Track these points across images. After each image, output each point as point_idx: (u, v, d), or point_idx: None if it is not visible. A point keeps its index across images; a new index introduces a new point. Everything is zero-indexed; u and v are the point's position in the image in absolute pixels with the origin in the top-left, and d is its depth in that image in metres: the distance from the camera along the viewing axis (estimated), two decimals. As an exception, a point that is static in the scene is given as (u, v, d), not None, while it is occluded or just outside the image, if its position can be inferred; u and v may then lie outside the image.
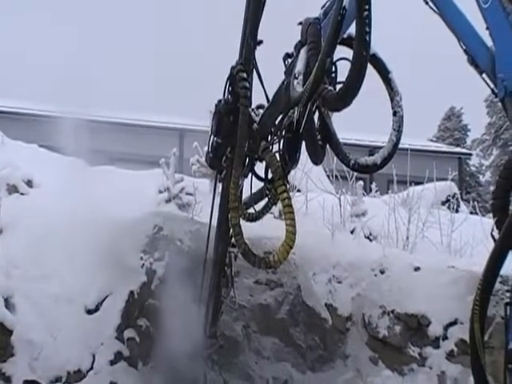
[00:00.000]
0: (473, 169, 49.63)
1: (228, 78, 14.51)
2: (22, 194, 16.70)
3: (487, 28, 10.02)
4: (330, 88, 12.64)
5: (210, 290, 14.98)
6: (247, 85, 14.21)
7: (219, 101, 14.63)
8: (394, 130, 13.84)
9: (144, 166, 20.04)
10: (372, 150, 14.24)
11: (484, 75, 10.10)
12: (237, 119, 14.23)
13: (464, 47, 10.30)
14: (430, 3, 10.95)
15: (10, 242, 8.88)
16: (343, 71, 12.52)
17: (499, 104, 10.18)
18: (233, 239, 14.30)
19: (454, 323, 16.09)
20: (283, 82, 13.82)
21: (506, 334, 9.51)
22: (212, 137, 14.88)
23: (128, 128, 31.38)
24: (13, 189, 16.00)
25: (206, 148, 16.08)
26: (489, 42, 10.05)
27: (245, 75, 14.25)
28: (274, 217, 15.34)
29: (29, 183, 17.29)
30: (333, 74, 12.87)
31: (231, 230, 14.18)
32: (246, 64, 14.52)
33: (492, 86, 9.99)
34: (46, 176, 17.75)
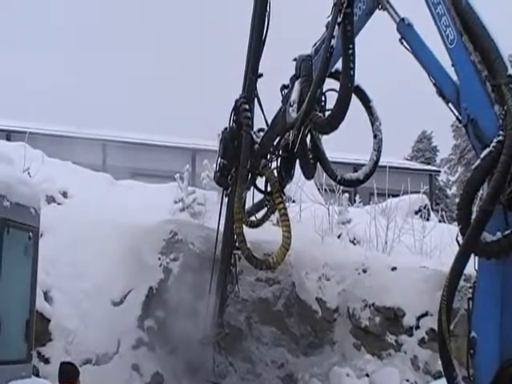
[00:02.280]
0: (441, 183, 49.41)
1: (233, 109, 14.63)
2: (58, 203, 16.76)
3: (453, 65, 10.12)
4: (320, 114, 12.82)
5: (217, 286, 15.09)
6: (249, 115, 14.40)
7: (225, 128, 14.79)
8: (375, 150, 13.99)
9: (161, 180, 20.04)
10: (356, 167, 14.29)
11: (450, 104, 10.19)
12: (240, 144, 14.37)
13: (433, 81, 10.42)
14: (405, 43, 11.06)
15: (48, 244, 8.94)
16: (331, 100, 12.69)
17: (463, 129, 10.28)
18: (237, 244, 14.42)
19: (425, 315, 16.23)
20: (280, 109, 14.00)
21: (468, 324, 9.61)
22: (219, 159, 15.00)
23: (148, 147, 31.32)
24: (51, 199, 16.07)
25: (214, 166, 16.19)
26: (454, 77, 10.16)
27: (247, 106, 14.37)
28: (273, 224, 15.41)
29: (64, 194, 17.35)
30: (322, 103, 13.02)
31: (235, 237, 14.30)
32: (248, 95, 14.62)
33: (457, 113, 10.10)
34: (78, 188, 17.81)
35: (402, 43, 11.19)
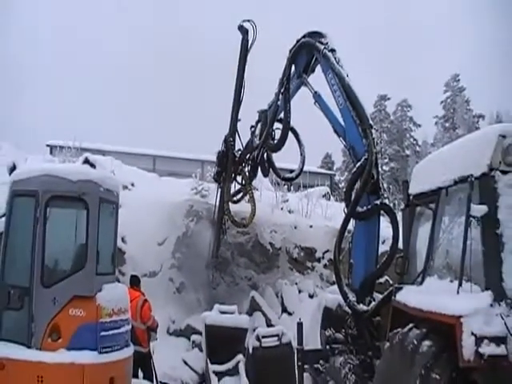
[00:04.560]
0: (336, 181, 49.41)
1: (224, 141, 14.70)
2: (129, 189, 16.79)
3: (342, 117, 10.29)
4: (272, 142, 13.00)
5: (215, 235, 15.26)
6: (232, 145, 14.39)
7: (218, 151, 14.85)
8: (301, 162, 14.27)
9: (184, 177, 20.03)
10: (291, 171, 14.47)
11: (341, 138, 10.35)
12: (228, 159, 14.49)
13: (334, 128, 10.52)
14: (317, 105, 11.21)
15: (123, 212, 9.05)
16: (278, 134, 12.88)
17: (347, 151, 10.43)
18: (226, 212, 14.57)
19: (327, 251, 16.34)
20: (250, 139, 14.15)
21: (349, 255, 9.82)
22: (216, 167, 15.11)
23: (177, 159, 31.36)
24: (125, 187, 15.99)
25: (213, 170, 16.33)
26: (342, 123, 10.32)
27: (231, 139, 14.47)
28: (246, 201, 15.50)
29: (132, 185, 17.33)
30: (273, 135, 13.20)
31: (225, 208, 14.44)
32: (232, 131, 14.79)
33: (344, 143, 10.28)
34: (139, 181, 17.79)
35: (315, 104, 11.35)
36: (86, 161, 7.92)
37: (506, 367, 4.81)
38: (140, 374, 10.13)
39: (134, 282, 10.79)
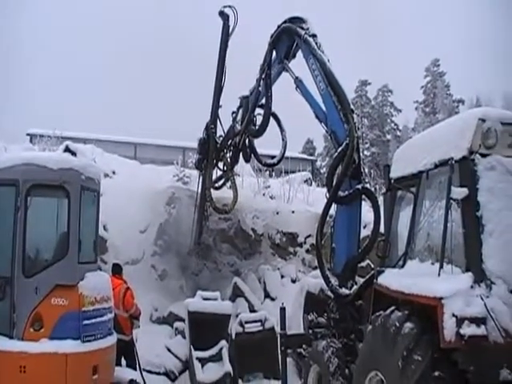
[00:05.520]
0: (317, 166, 49.52)
1: (205, 128, 14.67)
2: (110, 177, 16.67)
3: (323, 102, 10.28)
4: (253, 127, 12.99)
5: (197, 222, 15.24)
6: (214, 132, 14.38)
7: (200, 138, 14.82)
8: (282, 147, 14.27)
9: (166, 164, 19.96)
10: (273, 157, 14.50)
11: (322, 124, 10.32)
12: (209, 146, 14.47)
13: (315, 114, 10.49)
14: (298, 91, 11.19)
15: (104, 200, 9.00)
16: (259, 120, 12.88)
17: (329, 136, 10.41)
18: (208, 199, 14.58)
19: (309, 236, 16.36)
20: (231, 126, 14.12)
21: (331, 240, 9.87)
22: (197, 154, 15.08)
23: (160, 146, 31.18)
24: (106, 175, 15.83)
25: (195, 157, 16.31)
26: (323, 108, 10.29)
27: (212, 126, 14.45)
28: (228, 188, 15.48)
29: (113, 172, 17.23)
30: (254, 121, 13.19)
31: (207, 195, 14.45)
32: (214, 118, 14.75)
33: (325, 128, 10.26)
34: (121, 169, 17.69)
35: (296, 90, 11.33)
36: (67, 149, 7.91)
37: (486, 347, 4.89)
38: (123, 361, 10.12)
39: (116, 270, 10.76)
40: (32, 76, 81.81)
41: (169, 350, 12.61)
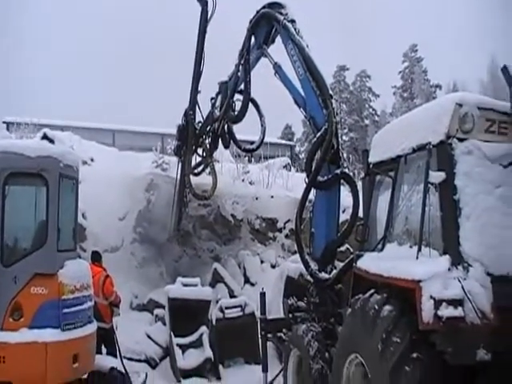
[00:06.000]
0: (296, 151, 49.55)
1: (184, 114, 14.61)
2: (88, 164, 16.50)
3: (302, 87, 10.26)
4: (232, 113, 12.98)
5: (176, 208, 15.21)
6: (192, 118, 14.33)
7: (179, 125, 14.77)
8: (261, 133, 14.24)
9: (145, 151, 19.84)
10: (252, 143, 14.47)
11: (301, 109, 10.29)
12: (188, 133, 14.43)
13: (294, 99, 10.47)
14: (277, 76, 11.15)
15: (83, 187, 8.92)
16: (239, 105, 12.86)
17: (307, 122, 10.44)
18: (187, 185, 14.57)
19: (288, 221, 16.44)
20: (210, 112, 14.08)
21: (310, 225, 9.87)
22: (176, 141, 15.05)
23: (139, 133, 31.00)
24: (84, 162, 15.69)
25: (174, 143, 16.25)
26: (302, 93, 10.27)
27: (192, 115, 14.40)
28: (207, 174, 15.45)
29: (92, 160, 17.08)
30: (233, 107, 13.16)
31: (186, 181, 14.43)
32: (193, 104, 14.69)
33: (304, 113, 10.23)
34: (99, 156, 17.55)
35: (275, 75, 11.29)
36: (45, 136, 7.81)
37: (463, 328, 4.96)
38: (103, 349, 10.11)
39: (96, 257, 10.73)
40: (6, 62, 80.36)
41: (149, 337, 12.62)
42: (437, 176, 5.54)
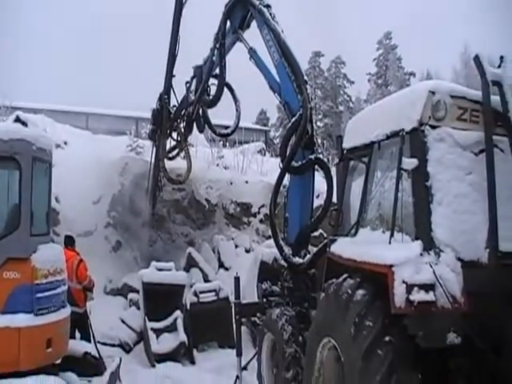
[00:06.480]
0: (271, 136, 49.57)
1: (159, 98, 14.53)
2: (62, 148, 16.31)
3: (277, 73, 10.23)
4: (207, 97, 12.93)
5: (151, 193, 15.19)
6: (167, 102, 14.26)
7: (153, 109, 14.70)
8: (236, 117, 14.20)
9: (119, 135, 19.68)
10: (227, 127, 14.42)
11: (276, 94, 10.27)
12: (162, 117, 14.37)
13: (269, 84, 10.44)
14: (252, 61, 11.10)
15: (56, 171, 8.81)
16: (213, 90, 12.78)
17: (282, 107, 10.41)
18: (161, 169, 14.53)
19: (262, 206, 16.55)
20: (185, 96, 14.01)
21: (284, 210, 9.87)
22: (151, 125, 15.00)
23: (113, 116, 30.62)
24: (57, 146, 15.46)
25: (148, 127, 16.20)
26: (278, 79, 10.25)
27: (166, 99, 14.33)
28: (181, 158, 15.41)
29: (65, 143, 16.89)
30: (208, 91, 13.10)
31: (161, 166, 14.39)
32: (167, 88, 14.61)
33: (279, 99, 10.21)
34: (73, 139, 17.36)
35: (250, 60, 11.25)
36: (18, 119, 7.68)
37: (434, 312, 5.03)
38: (77, 334, 10.07)
39: (69, 241, 10.65)
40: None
41: (123, 322, 12.61)
42: (409, 162, 5.58)
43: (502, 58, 5.94)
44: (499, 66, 5.93)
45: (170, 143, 15.32)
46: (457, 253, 5.34)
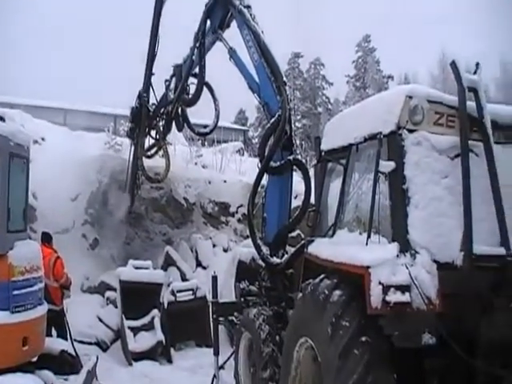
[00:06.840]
0: (250, 136, 49.55)
1: (138, 96, 14.48)
2: (39, 144, 16.13)
3: (256, 73, 10.24)
4: (186, 96, 12.92)
5: (129, 190, 15.13)
6: (146, 100, 14.21)
7: (132, 107, 14.65)
8: (215, 117, 14.18)
9: (97, 131, 19.56)
10: (206, 126, 14.41)
11: (255, 95, 10.28)
12: (141, 115, 14.32)
13: (248, 85, 10.44)
14: (232, 61, 11.10)
15: (34, 167, 8.74)
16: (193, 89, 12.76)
17: (261, 108, 10.44)
18: (139, 167, 14.49)
19: (240, 206, 16.54)
20: (164, 94, 13.99)
21: (262, 210, 9.91)
22: (129, 123, 14.93)
23: (91, 113, 30.33)
24: (35, 141, 15.29)
25: (127, 125, 16.12)
26: (257, 79, 10.25)
27: (145, 97, 14.28)
28: (160, 156, 15.37)
29: (42, 139, 16.72)
30: (187, 90, 13.09)
31: (139, 164, 14.35)
32: (146, 86, 14.56)
33: (259, 99, 10.22)
34: (50, 136, 17.19)
35: (230, 60, 11.24)
36: (-6, 114, 7.57)
37: (410, 313, 5.09)
38: (54, 332, 10.00)
39: (46, 238, 10.57)
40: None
41: (100, 320, 12.54)
42: (387, 165, 5.63)
43: (477, 64, 6.04)
44: (475, 73, 6.04)
45: (148, 141, 15.27)
46: (432, 255, 5.39)
